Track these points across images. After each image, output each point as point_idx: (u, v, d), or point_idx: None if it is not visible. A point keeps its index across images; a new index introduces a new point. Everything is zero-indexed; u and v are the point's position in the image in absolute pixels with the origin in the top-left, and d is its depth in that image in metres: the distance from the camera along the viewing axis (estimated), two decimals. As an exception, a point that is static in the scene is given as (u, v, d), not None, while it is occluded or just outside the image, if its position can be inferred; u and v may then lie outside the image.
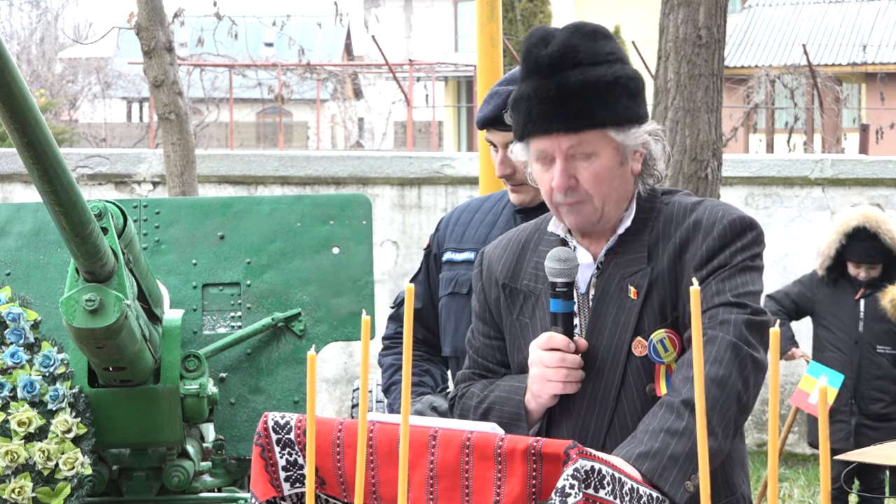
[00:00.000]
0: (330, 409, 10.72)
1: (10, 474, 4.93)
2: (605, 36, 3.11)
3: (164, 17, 8.95)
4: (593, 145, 3.04)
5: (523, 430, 3.09)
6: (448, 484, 2.76)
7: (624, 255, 3.09)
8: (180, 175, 8.83)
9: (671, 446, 2.86)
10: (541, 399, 3.08)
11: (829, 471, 3.51)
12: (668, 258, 3.06)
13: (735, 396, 2.92)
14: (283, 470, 2.91)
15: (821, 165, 10.62)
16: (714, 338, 2.96)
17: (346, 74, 31.75)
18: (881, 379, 7.53)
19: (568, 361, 3.04)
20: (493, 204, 4.01)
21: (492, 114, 3.83)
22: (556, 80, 3.02)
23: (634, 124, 3.07)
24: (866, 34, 31.79)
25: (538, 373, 3.06)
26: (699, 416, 1.98)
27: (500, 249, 3.28)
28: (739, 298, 3.00)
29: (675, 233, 3.07)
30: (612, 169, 3.06)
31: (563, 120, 3.03)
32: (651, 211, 3.12)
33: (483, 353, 3.27)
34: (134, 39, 9.42)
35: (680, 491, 2.84)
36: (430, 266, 4.03)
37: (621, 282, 3.07)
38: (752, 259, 3.06)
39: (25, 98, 3.77)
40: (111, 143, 32.97)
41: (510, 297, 3.20)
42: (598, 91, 3.02)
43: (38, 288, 5.40)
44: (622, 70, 3.06)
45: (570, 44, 3.04)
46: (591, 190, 3.06)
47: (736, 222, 3.06)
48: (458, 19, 42.50)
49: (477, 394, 3.19)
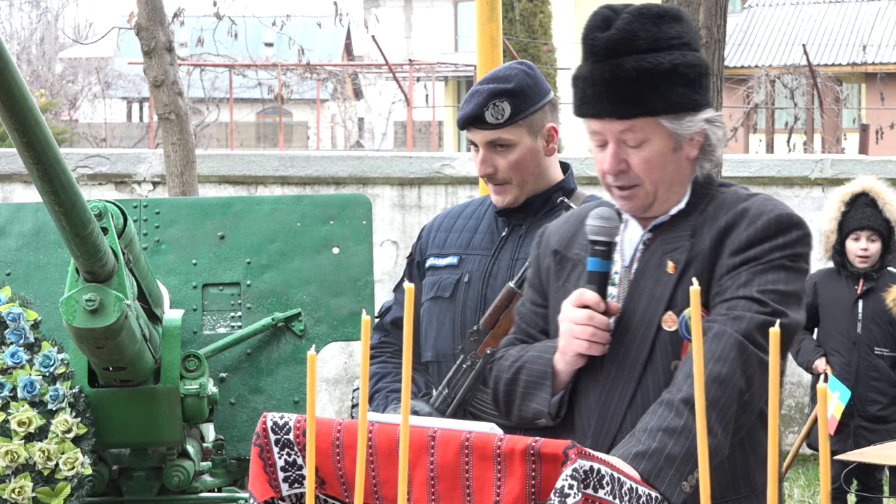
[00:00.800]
0: (330, 409, 10.72)
1: (10, 474, 4.93)
2: (674, 18, 3.07)
3: (164, 17, 8.95)
4: (645, 132, 3.03)
5: (547, 388, 3.09)
6: (449, 484, 2.76)
7: (669, 232, 3.08)
8: (180, 175, 8.83)
9: (668, 446, 2.85)
10: (567, 356, 3.07)
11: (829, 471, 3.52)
12: (710, 239, 3.04)
13: (736, 395, 2.91)
14: (282, 470, 2.91)
15: (821, 165, 10.62)
16: (722, 333, 2.94)
17: (346, 74, 31.75)
18: (878, 381, 7.52)
19: (596, 320, 3.04)
20: (475, 208, 3.99)
21: (472, 112, 3.80)
22: (611, 66, 3.00)
23: (689, 112, 3.04)
24: (866, 34, 31.79)
25: (566, 328, 3.06)
26: (699, 415, 1.98)
27: (562, 221, 3.30)
28: (763, 295, 2.96)
29: (723, 217, 3.05)
30: (664, 155, 3.05)
31: (614, 106, 3.02)
32: (704, 196, 3.10)
33: (528, 320, 3.28)
34: (134, 39, 9.42)
35: (676, 491, 2.83)
36: (413, 274, 4.02)
37: (662, 256, 3.06)
38: (791, 259, 3.02)
39: (25, 98, 3.78)
40: (111, 143, 32.97)
41: (559, 264, 3.22)
42: (652, 79, 2.99)
43: (38, 288, 5.40)
44: (682, 57, 3.02)
45: (630, 28, 3.01)
46: (642, 175, 3.05)
47: (783, 218, 3.03)
48: (458, 19, 42.50)
49: (513, 355, 3.21)
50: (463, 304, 3.83)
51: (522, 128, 3.80)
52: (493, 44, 5.67)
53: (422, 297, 3.94)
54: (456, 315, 3.84)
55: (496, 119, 3.77)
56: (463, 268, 3.86)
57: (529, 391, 3.13)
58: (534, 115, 3.80)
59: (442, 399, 3.71)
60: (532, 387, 3.12)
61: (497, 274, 3.80)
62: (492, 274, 3.81)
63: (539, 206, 3.85)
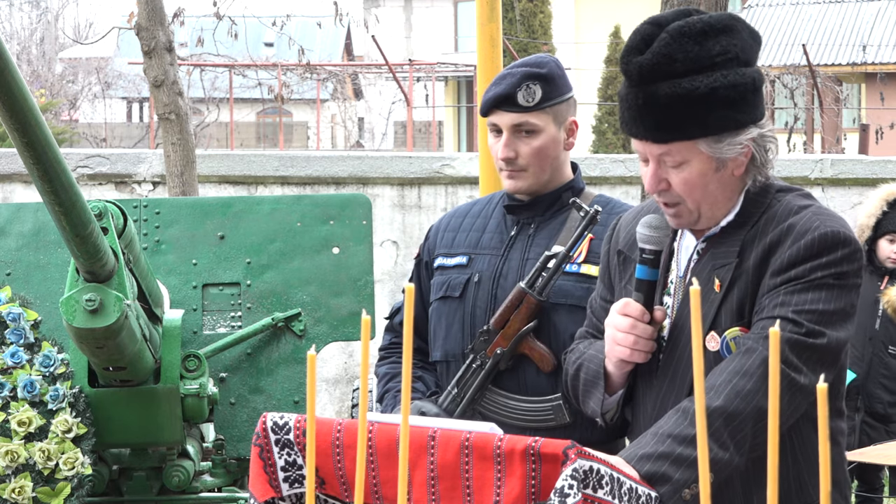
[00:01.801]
0: (330, 409, 10.72)
1: (11, 474, 4.93)
2: (722, 30, 2.98)
3: (164, 17, 8.95)
4: (683, 155, 2.98)
5: (600, 389, 3.11)
6: (449, 484, 2.76)
7: (720, 246, 3.05)
8: (180, 175, 8.83)
9: (675, 452, 2.84)
10: (611, 361, 3.09)
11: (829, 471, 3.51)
12: (755, 256, 2.99)
13: (756, 413, 2.85)
14: (282, 470, 2.91)
15: (821, 165, 10.62)
16: (752, 350, 2.91)
17: (346, 74, 31.73)
18: (888, 378, 7.53)
19: (638, 329, 3.03)
20: (483, 207, 3.98)
21: (505, 91, 3.75)
22: (644, 91, 2.95)
23: (731, 133, 2.96)
24: (866, 34, 31.79)
25: (610, 334, 3.08)
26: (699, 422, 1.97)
27: (631, 217, 3.27)
28: (799, 316, 2.91)
29: (770, 232, 3.00)
30: (705, 175, 2.99)
31: (649, 131, 2.97)
32: (759, 206, 3.04)
33: (598, 314, 3.29)
34: (134, 39, 9.43)
35: (675, 497, 2.82)
36: (421, 275, 4.01)
37: (711, 273, 3.03)
38: (835, 277, 2.95)
39: (26, 98, 3.78)
40: (111, 143, 32.97)
41: (623, 265, 3.22)
42: (687, 105, 2.93)
43: (39, 288, 5.41)
44: (723, 78, 2.93)
45: (666, 52, 2.94)
46: (684, 194, 3.01)
47: (828, 236, 2.97)
48: (458, 19, 42.49)
49: (579, 350, 3.24)
50: (473, 303, 3.82)
51: (549, 115, 3.78)
52: (493, 44, 5.67)
53: (430, 297, 3.94)
54: (465, 315, 3.84)
55: (527, 101, 3.75)
56: (472, 267, 3.86)
57: (587, 389, 3.17)
58: (560, 105, 3.79)
59: (451, 399, 3.71)
60: (589, 385, 3.15)
61: (507, 274, 3.79)
62: (502, 274, 3.80)
63: (548, 205, 3.84)
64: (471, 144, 33.22)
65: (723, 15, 3.05)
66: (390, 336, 4.11)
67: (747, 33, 3.03)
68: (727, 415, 2.84)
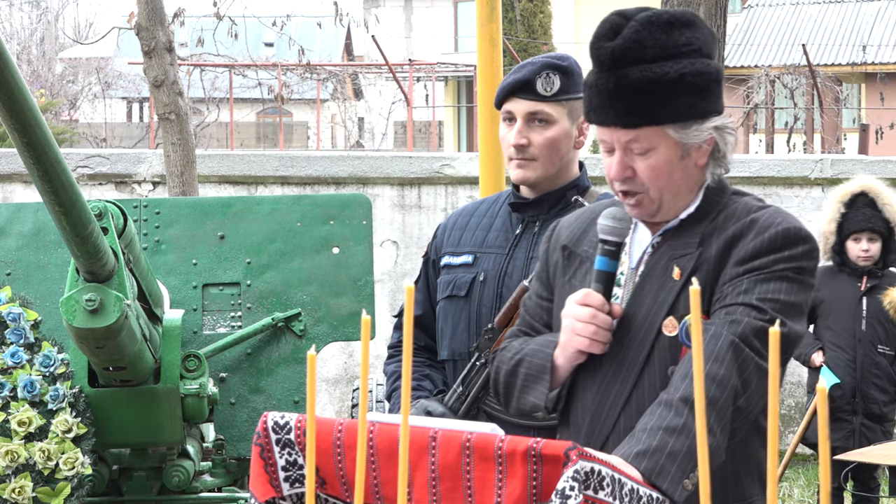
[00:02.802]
0: (330, 409, 10.72)
1: (11, 474, 4.93)
2: (685, 24, 3.04)
3: (164, 17, 8.95)
4: (650, 141, 3.02)
5: (545, 383, 3.10)
6: (450, 485, 2.76)
7: (678, 238, 3.09)
8: (180, 175, 8.83)
9: (669, 444, 2.86)
10: (567, 352, 3.09)
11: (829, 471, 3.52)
12: (717, 248, 3.04)
13: (732, 396, 2.91)
14: (283, 470, 2.91)
15: (821, 165, 10.62)
16: (718, 335, 2.95)
17: (346, 74, 31.75)
18: (881, 378, 7.53)
19: (599, 319, 3.05)
20: (489, 206, 3.99)
21: (525, 77, 3.77)
22: (616, 76, 2.99)
23: (697, 120, 3.02)
24: (866, 34, 31.79)
25: (568, 324, 3.08)
26: (699, 414, 1.98)
27: (573, 217, 3.31)
28: (763, 303, 2.97)
29: (731, 227, 3.06)
30: (671, 163, 3.04)
31: (619, 115, 3.01)
32: (717, 204, 3.10)
33: (532, 312, 3.30)
34: (134, 39, 9.43)
35: (678, 489, 2.83)
36: (428, 273, 4.02)
37: (668, 262, 3.07)
38: (796, 271, 3.02)
39: (26, 98, 3.78)
40: (111, 143, 32.96)
41: (567, 260, 3.23)
42: (658, 89, 2.98)
43: (39, 288, 5.41)
44: (691, 66, 3.00)
45: (636, 38, 2.99)
46: (648, 182, 3.05)
47: (790, 231, 3.04)
48: (458, 19, 42.50)
49: (515, 347, 3.23)
50: (478, 302, 3.83)
51: (565, 109, 3.80)
52: (493, 44, 5.66)
53: (437, 296, 3.95)
54: (471, 314, 3.85)
55: (545, 90, 3.77)
56: (478, 266, 3.87)
57: (528, 384, 3.15)
58: (576, 101, 3.80)
59: (456, 397, 3.72)
60: (531, 380, 3.13)
61: (512, 272, 3.80)
62: (507, 272, 3.81)
63: (553, 203, 3.84)
64: (471, 144, 33.22)
65: (685, 10, 3.12)
66: (399, 334, 4.12)
67: (707, 30, 3.11)
68: (708, 401, 2.88)
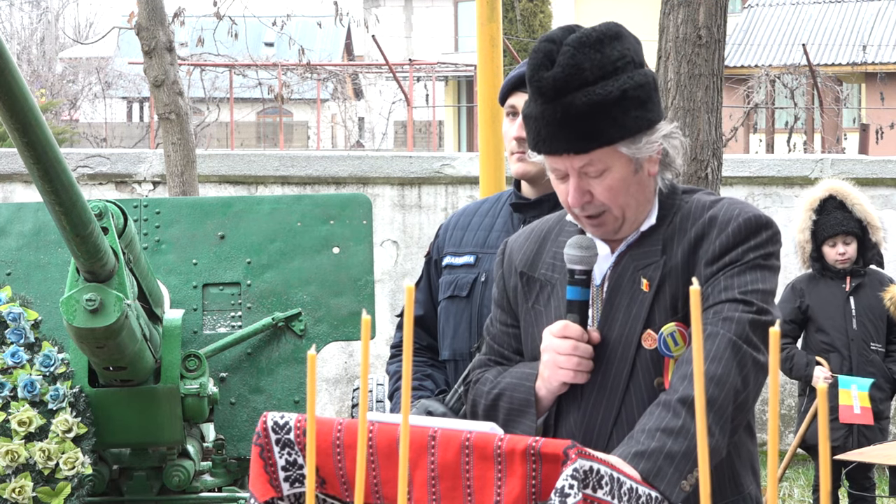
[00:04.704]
0: (330, 408, 10.72)
1: (11, 474, 4.93)
2: (613, 37, 3.04)
3: (164, 17, 8.96)
4: (604, 162, 3.01)
5: (532, 417, 3.09)
6: (450, 484, 2.76)
7: (639, 247, 3.09)
8: (180, 175, 8.84)
9: (667, 445, 2.86)
10: (551, 385, 3.07)
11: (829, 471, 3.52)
12: (682, 252, 3.05)
13: (732, 395, 2.92)
14: (283, 470, 2.91)
15: (821, 165, 10.63)
16: (714, 334, 2.95)
17: (346, 74, 31.74)
18: (875, 376, 7.54)
19: (580, 350, 3.04)
20: (491, 206, 3.99)
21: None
22: (562, 105, 2.97)
23: (645, 132, 3.03)
24: (866, 34, 31.80)
25: (550, 359, 3.06)
26: (699, 415, 1.98)
27: (523, 239, 3.28)
28: (746, 296, 2.98)
29: (691, 228, 3.06)
30: (626, 179, 3.04)
31: (570, 143, 2.99)
32: (670, 207, 3.11)
33: (499, 340, 3.27)
34: (134, 39, 9.44)
35: (676, 490, 2.84)
36: (430, 273, 4.02)
37: (634, 273, 3.06)
38: (764, 258, 3.04)
39: (26, 98, 3.78)
40: (111, 143, 32.96)
41: (527, 286, 3.21)
42: (604, 110, 2.97)
43: (39, 288, 5.41)
44: (629, 80, 2.99)
45: (574, 63, 2.98)
46: (608, 202, 3.04)
47: (751, 220, 3.05)
48: (458, 19, 42.50)
49: (490, 379, 3.20)
50: (480, 303, 3.83)
51: None
52: (493, 44, 5.67)
53: (438, 296, 3.95)
54: (473, 314, 3.85)
55: None
56: (480, 267, 3.87)
57: (512, 419, 3.12)
58: None
59: (457, 398, 3.72)
60: (515, 414, 3.11)
61: None
62: None
63: (554, 204, 3.83)
64: (471, 144, 33.22)
65: (608, 24, 3.10)
66: (401, 334, 4.12)
67: (632, 37, 3.11)
68: (707, 402, 2.88)
